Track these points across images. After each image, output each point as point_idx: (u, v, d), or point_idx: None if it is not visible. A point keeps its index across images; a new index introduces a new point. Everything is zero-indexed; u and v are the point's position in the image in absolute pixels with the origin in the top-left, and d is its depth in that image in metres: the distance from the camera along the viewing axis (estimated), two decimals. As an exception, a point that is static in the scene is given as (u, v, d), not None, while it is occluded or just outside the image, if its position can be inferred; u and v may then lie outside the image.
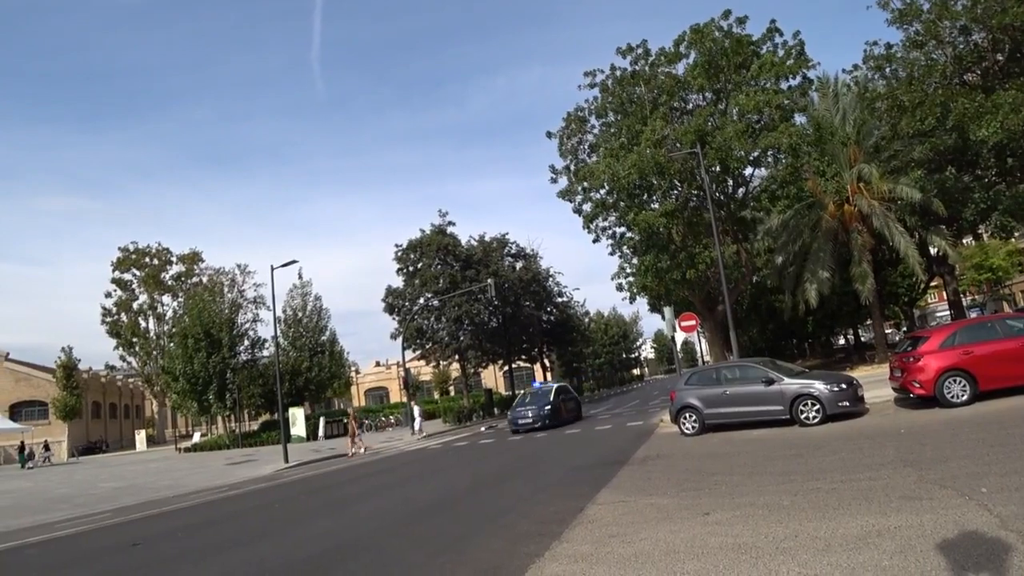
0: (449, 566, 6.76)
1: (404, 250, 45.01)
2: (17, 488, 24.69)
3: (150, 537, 11.53)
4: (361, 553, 8.03)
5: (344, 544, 8.68)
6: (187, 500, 16.51)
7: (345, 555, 8.00)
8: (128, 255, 63.18)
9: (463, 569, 6.55)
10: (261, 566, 7.88)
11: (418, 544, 8.13)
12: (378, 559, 7.52)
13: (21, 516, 15.96)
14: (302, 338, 45.01)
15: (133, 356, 63.07)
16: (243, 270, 60.17)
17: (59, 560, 10.46)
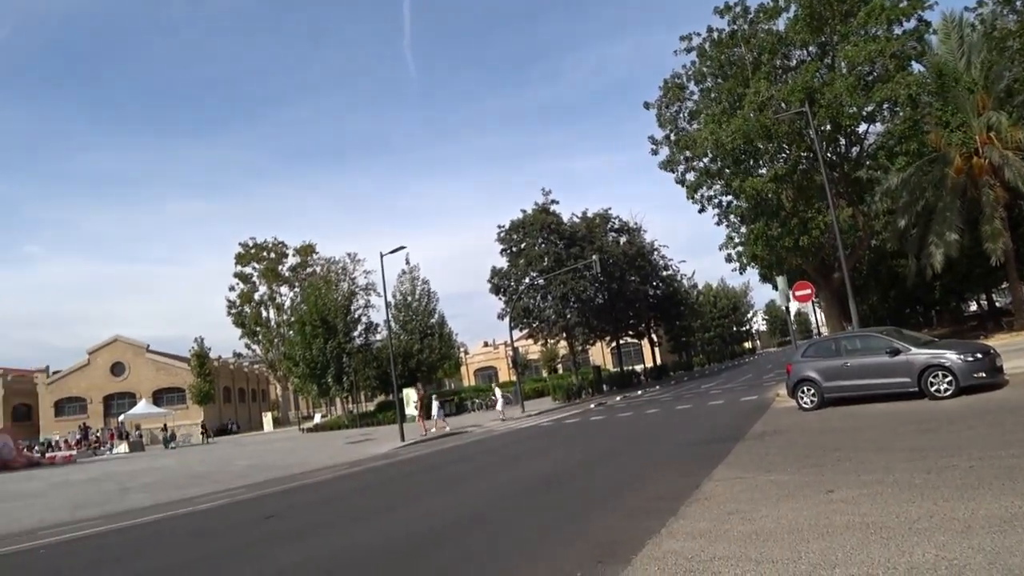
0: (567, 538, 6.82)
1: (507, 231, 45.28)
2: (163, 466, 26.74)
3: (282, 510, 12.24)
4: (477, 527, 8.22)
5: (461, 518, 8.90)
6: (312, 477, 17.37)
7: (463, 529, 8.22)
8: (247, 250, 66.78)
9: (579, 543, 6.56)
10: (386, 537, 8.21)
11: (533, 519, 8.22)
12: (494, 533, 7.67)
13: (168, 491, 17.29)
14: (412, 321, 46.23)
15: (257, 344, 66.81)
16: (353, 259, 62.28)
17: (205, 529, 11.30)
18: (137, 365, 65.87)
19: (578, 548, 6.36)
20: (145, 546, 10.45)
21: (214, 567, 7.94)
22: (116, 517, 13.64)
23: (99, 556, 9.96)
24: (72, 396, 65.88)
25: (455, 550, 7.12)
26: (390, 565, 6.78)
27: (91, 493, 18.60)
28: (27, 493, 20.30)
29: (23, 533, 12.64)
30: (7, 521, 14.36)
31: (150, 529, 12.07)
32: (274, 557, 8.02)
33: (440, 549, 7.25)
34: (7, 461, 35.26)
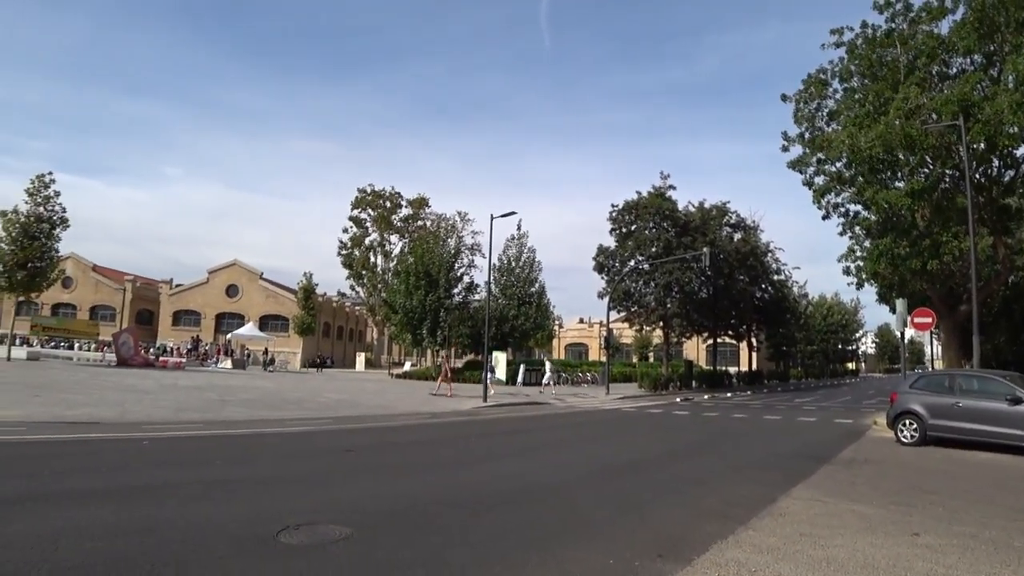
0: (630, 526, 6.78)
1: (620, 211, 44.62)
2: (260, 386, 28.28)
3: (361, 447, 12.75)
4: (547, 497, 8.28)
5: (531, 486, 8.99)
6: (394, 421, 17.96)
7: (532, 496, 8.30)
8: (364, 196, 68.86)
9: (644, 532, 6.53)
10: (451, 490, 8.38)
11: (602, 500, 8.21)
12: (559, 507, 7.68)
13: (262, 409, 18.32)
14: (512, 287, 46.57)
15: (361, 286, 69.16)
16: (463, 217, 63.19)
17: (289, 450, 11.93)
18: (249, 290, 69.64)
19: (640, 538, 6.32)
20: (234, 455, 11.13)
21: (287, 486, 8.34)
22: (214, 424, 14.57)
23: (194, 457, 10.69)
24: (189, 309, 70.51)
25: (516, 515, 7.20)
26: (447, 517, 6.93)
27: (194, 399, 19.91)
28: (140, 389, 21.95)
29: (132, 424, 13.73)
30: (120, 411, 15.61)
31: (241, 441, 12.85)
32: (342, 488, 8.37)
33: (500, 512, 7.36)
34: (126, 358, 38.27)
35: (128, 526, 5.99)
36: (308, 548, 5.55)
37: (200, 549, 5.37)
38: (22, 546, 5.21)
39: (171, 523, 6.13)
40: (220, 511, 6.79)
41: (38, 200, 36.96)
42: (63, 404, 16.32)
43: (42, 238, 36.80)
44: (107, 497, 7.23)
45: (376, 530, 6.21)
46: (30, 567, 4.72)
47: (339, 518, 6.49)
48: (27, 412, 14.39)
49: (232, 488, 8.10)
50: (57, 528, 5.76)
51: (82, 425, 13.21)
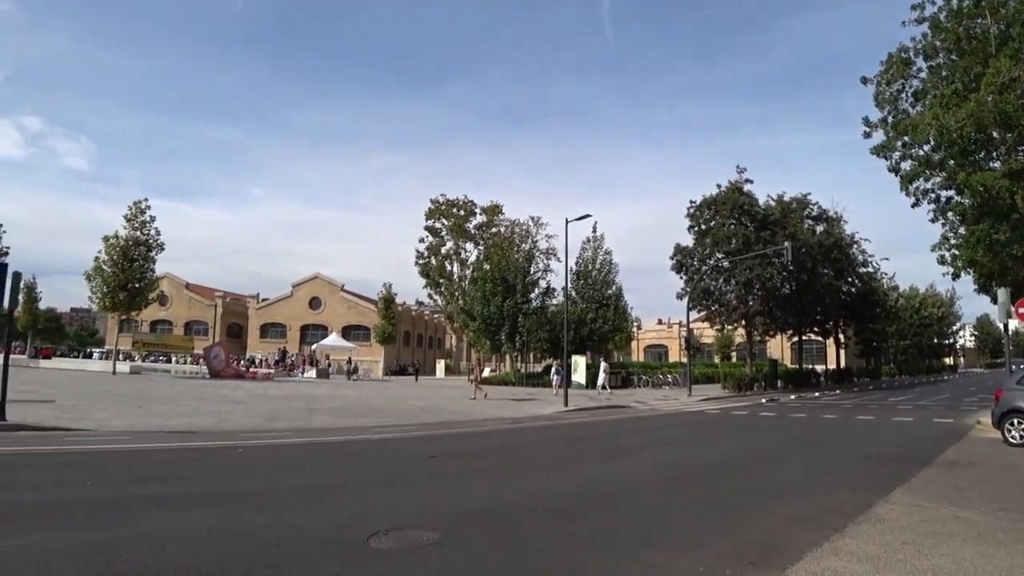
0: (719, 532, 6.60)
1: (697, 207, 43.73)
2: (345, 394, 29.03)
3: (444, 453, 12.88)
4: (628, 501, 8.18)
5: (615, 491, 8.89)
6: (476, 427, 18.08)
7: (616, 501, 8.21)
8: (438, 206, 69.80)
9: (733, 539, 6.34)
10: (532, 495, 8.38)
11: (689, 505, 8.04)
12: (645, 512, 7.57)
13: (348, 417, 18.79)
14: (590, 290, 46.31)
15: (439, 295, 70.07)
16: (537, 222, 63.24)
17: (375, 457, 12.20)
18: (332, 301, 71.70)
19: (730, 545, 6.14)
20: (324, 462, 11.47)
21: (375, 492, 8.52)
22: (303, 432, 15.05)
23: (286, 463, 11.07)
24: (275, 322, 73.16)
25: (601, 521, 7.12)
26: (532, 523, 6.91)
27: (284, 408, 20.59)
28: (233, 399, 22.87)
29: (227, 432, 14.31)
30: (216, 421, 16.29)
31: (329, 448, 13.21)
32: (428, 494, 8.48)
33: (585, 517, 7.28)
34: (218, 370, 39.95)
35: (228, 529, 6.25)
36: (398, 553, 5.64)
37: (296, 553, 5.54)
38: (134, 547, 5.53)
39: (268, 527, 6.36)
40: (313, 516, 6.98)
41: (135, 225, 39.35)
42: (164, 415, 17.18)
43: (140, 260, 39.11)
44: (208, 502, 7.58)
45: (463, 535, 6.27)
46: (142, 567, 5.02)
47: (426, 523, 6.57)
48: (132, 422, 15.22)
49: (323, 494, 8.32)
50: (164, 531, 6.07)
51: (182, 434, 13.88)
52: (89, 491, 8.12)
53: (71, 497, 7.69)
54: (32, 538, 5.78)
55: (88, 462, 10.46)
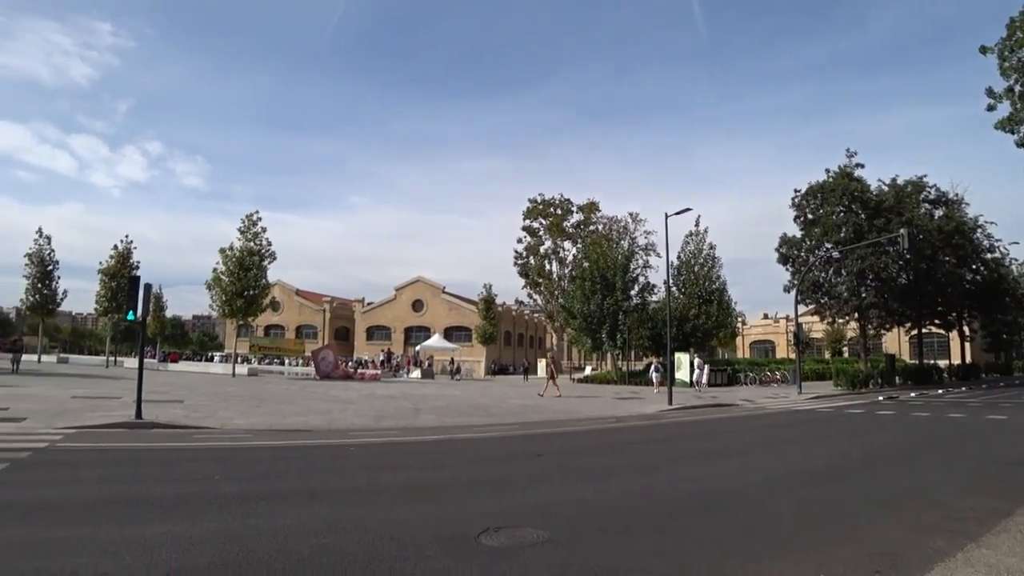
0: (839, 538, 6.31)
1: (803, 196, 41.94)
2: (449, 394, 29.57)
3: (549, 451, 12.90)
4: (742, 504, 7.94)
5: (723, 492, 8.66)
6: (579, 425, 18.04)
7: (725, 503, 8.00)
8: (536, 206, 69.98)
9: (854, 546, 6.04)
10: (645, 495, 8.28)
11: (803, 508, 7.74)
12: (760, 513, 7.35)
13: (453, 416, 19.15)
14: (692, 285, 45.33)
15: (538, 294, 70.25)
16: (635, 218, 62.45)
17: (481, 455, 12.38)
18: (433, 304, 73.27)
19: (851, 553, 5.84)
20: (431, 459, 11.75)
21: (483, 490, 8.66)
22: (409, 431, 15.46)
23: (395, 461, 11.43)
24: (380, 325, 75.43)
25: (710, 523, 6.96)
26: (640, 523, 6.85)
27: (390, 408, 21.19)
28: (342, 400, 23.73)
29: (339, 431, 14.87)
30: (327, 420, 16.96)
31: (436, 446, 13.50)
32: (535, 492, 8.53)
33: (697, 519, 7.14)
34: (327, 372, 41.56)
35: (344, 524, 6.50)
36: (508, 550, 5.71)
37: (409, 547, 5.70)
38: (259, 538, 5.88)
39: (381, 522, 6.57)
40: (424, 512, 7.17)
41: (248, 236, 41.67)
42: (279, 414, 18.04)
43: (254, 269, 41.36)
44: (324, 497, 7.91)
45: (572, 534, 6.27)
46: (268, 557, 5.33)
47: (535, 521, 6.61)
48: (252, 421, 16.07)
49: (432, 491, 8.52)
50: (284, 524, 6.38)
51: (296, 432, 14.53)
52: (217, 485, 8.64)
53: (202, 490, 8.21)
54: (171, 527, 6.21)
55: (214, 458, 11.13)
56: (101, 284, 49.63)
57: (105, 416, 15.55)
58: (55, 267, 51.09)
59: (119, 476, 9.37)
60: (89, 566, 5.01)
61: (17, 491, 7.94)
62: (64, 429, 13.43)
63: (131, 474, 9.55)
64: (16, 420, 14.39)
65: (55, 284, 51.21)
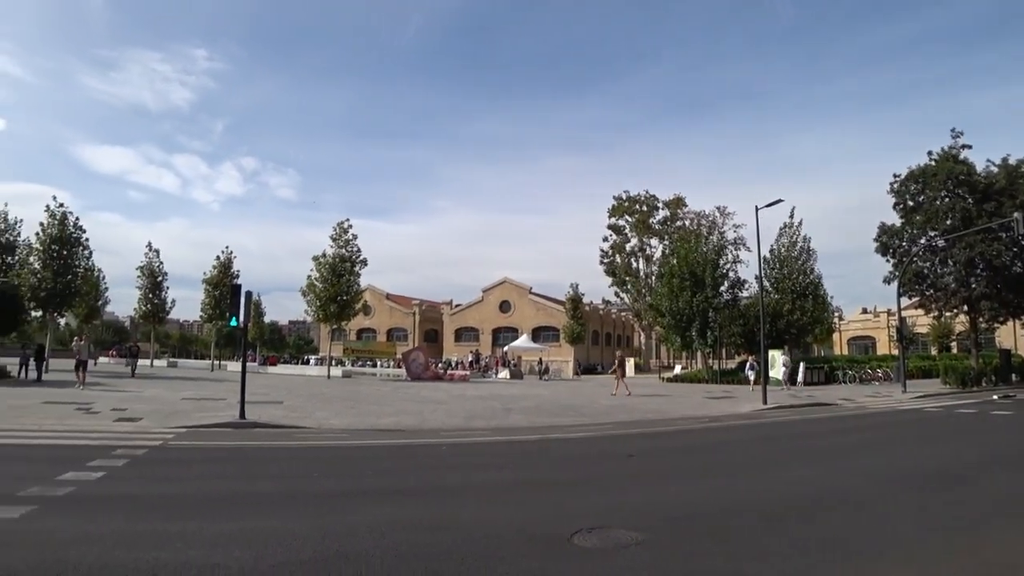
0: (953, 549, 5.95)
1: (902, 182, 39.69)
2: (538, 394, 29.61)
3: (641, 451, 12.72)
4: (844, 509, 7.57)
5: (823, 496, 8.31)
6: (672, 425, 17.72)
7: (826, 507, 7.66)
8: (620, 203, 69.39)
9: (971, 558, 5.67)
10: (740, 497, 8.05)
11: (911, 515, 7.31)
12: (863, 519, 6.96)
13: (542, 416, 19.16)
14: (786, 280, 43.80)
15: (625, 292, 69.64)
16: (723, 212, 61.05)
17: (571, 455, 12.34)
18: (520, 304, 73.62)
19: (969, 566, 5.49)
20: (522, 459, 11.80)
21: (575, 490, 8.63)
22: (500, 431, 15.57)
23: (487, 460, 11.56)
24: (468, 326, 76.39)
25: (811, 528, 6.68)
26: (736, 526, 6.67)
27: (480, 408, 21.41)
28: (433, 400, 24.14)
29: (431, 431, 15.15)
30: (419, 420, 17.29)
31: (526, 446, 13.53)
32: (628, 493, 8.43)
33: (798, 523, 6.85)
34: (417, 373, 42.40)
35: (438, 521, 6.61)
36: (602, 552, 5.66)
37: (502, 546, 5.75)
38: (357, 534, 6.06)
39: (474, 520, 6.65)
40: (516, 511, 7.21)
41: (340, 243, 43.18)
42: (373, 414, 18.53)
43: (346, 275, 42.76)
44: (418, 495, 8.07)
45: (667, 536, 6.16)
46: (366, 553, 5.48)
47: (628, 523, 6.53)
48: (347, 422, 16.56)
49: (524, 490, 8.56)
50: (381, 520, 6.54)
51: (390, 432, 14.88)
52: (317, 483, 8.96)
53: (302, 488, 8.53)
54: (274, 522, 6.49)
55: (313, 456, 11.54)
56: (205, 293, 52.40)
57: (212, 416, 16.38)
58: (164, 278, 54.69)
59: (226, 473, 9.87)
60: (201, 557, 5.28)
61: (135, 486, 8.47)
62: (176, 428, 14.23)
63: (236, 471, 10.03)
64: (134, 420, 15.35)
65: (164, 294, 54.77)
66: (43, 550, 5.44)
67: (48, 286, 36.27)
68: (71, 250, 37.87)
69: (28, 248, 36.57)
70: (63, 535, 5.93)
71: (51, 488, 7.84)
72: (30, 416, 15.70)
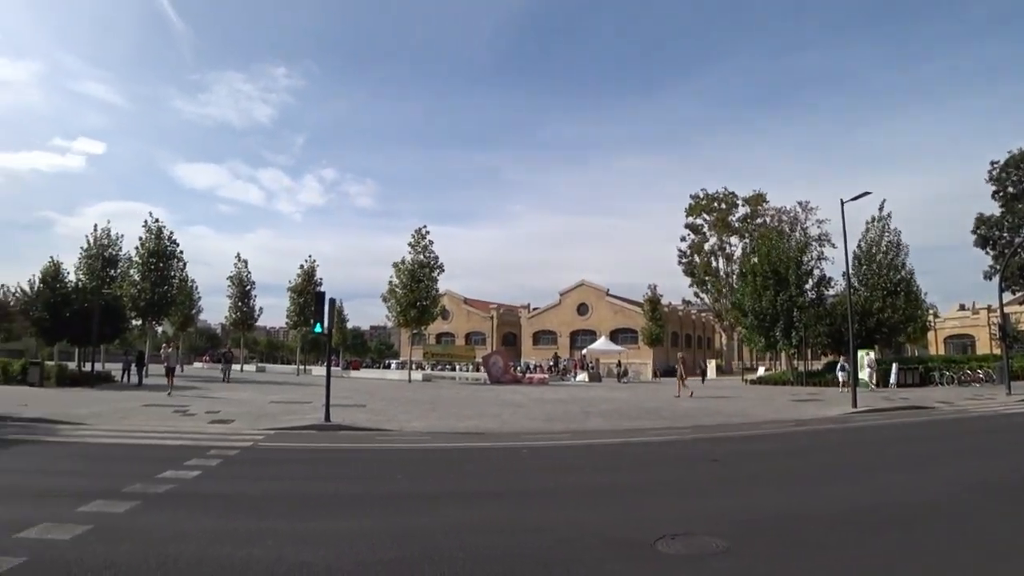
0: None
1: (1002, 168, 37.49)
2: (618, 398, 29.32)
3: (725, 456, 12.42)
4: (942, 519, 7.14)
5: (920, 504, 7.82)
6: (757, 429, 17.22)
7: (922, 516, 7.22)
8: (698, 202, 68.07)
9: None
10: (830, 505, 7.68)
11: (1021, 529, 6.85)
12: (966, 533, 6.54)
13: (622, 419, 18.95)
14: (875, 276, 41.88)
15: (705, 293, 68.26)
16: (805, 207, 59.07)
17: (652, 459, 12.18)
18: (598, 306, 73.09)
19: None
20: (602, 463, 11.70)
21: (656, 495, 8.50)
22: (579, 434, 15.47)
23: (567, 464, 11.54)
24: (545, 329, 76.35)
25: (912, 541, 6.31)
26: (828, 536, 6.41)
27: (559, 411, 21.36)
28: (512, 403, 24.24)
29: (511, 434, 15.21)
30: (499, 423, 17.40)
31: (606, 449, 13.43)
32: (711, 499, 8.24)
33: (892, 534, 6.47)
34: (497, 376, 42.67)
35: (518, 524, 6.63)
36: (687, 559, 5.54)
37: (584, 550, 5.70)
38: (440, 536, 6.15)
39: (554, 525, 6.63)
40: (597, 516, 7.14)
41: (418, 250, 44.01)
42: (454, 417, 18.76)
43: (425, 280, 43.52)
44: (500, 497, 8.13)
45: (754, 545, 5.95)
46: (448, 554, 5.54)
47: (714, 529, 6.36)
48: (429, 424, 16.82)
49: (605, 494, 8.48)
50: (463, 523, 6.63)
51: (470, 435, 15.02)
52: (400, 484, 9.13)
53: (385, 489, 8.72)
54: (359, 522, 6.67)
55: (396, 458, 11.77)
56: (291, 300, 54.20)
57: (299, 419, 16.94)
58: (252, 287, 56.84)
59: (312, 473, 10.18)
60: (291, 555, 5.46)
61: (228, 485, 8.83)
62: (265, 430, 14.79)
63: (322, 472, 10.34)
64: (226, 422, 16.04)
65: (253, 302, 56.89)
66: (145, 545, 5.75)
67: (147, 296, 38.54)
68: (167, 262, 40.12)
69: (129, 261, 38.78)
70: (163, 531, 6.24)
71: (152, 485, 8.28)
72: (133, 418, 16.64)
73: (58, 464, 10.50)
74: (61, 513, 6.72)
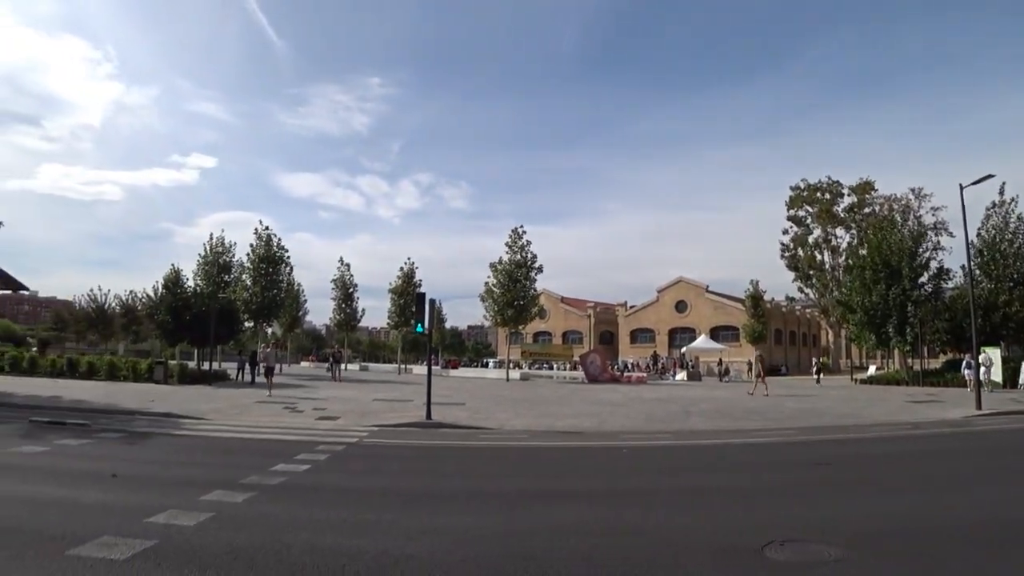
0: None
1: None
2: (718, 396, 28.62)
3: (834, 459, 11.85)
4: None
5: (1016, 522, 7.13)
6: (867, 431, 16.35)
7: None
8: (799, 193, 65.25)
9: None
10: (950, 516, 7.24)
11: None
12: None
13: (723, 420, 18.49)
14: (999, 267, 38.90)
15: (810, 287, 65.42)
16: (918, 194, 55.72)
17: (756, 462, 11.74)
18: (697, 304, 71.50)
19: None
20: (704, 464, 11.47)
21: (761, 499, 8.25)
22: (680, 435, 15.19)
23: (668, 465, 11.35)
24: (643, 327, 75.34)
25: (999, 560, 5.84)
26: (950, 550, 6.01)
27: (659, 411, 21.04)
28: (611, 402, 24.06)
29: (609, 433, 15.11)
30: (598, 422, 17.32)
31: (708, 450, 13.16)
32: (820, 504, 7.90)
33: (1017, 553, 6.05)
34: (595, 375, 42.45)
35: (619, 526, 6.59)
36: (798, 567, 5.32)
37: (688, 555, 5.59)
38: (539, 534, 6.19)
39: (656, 527, 6.54)
40: (700, 519, 6.97)
41: (515, 250, 44.34)
42: (552, 415, 18.79)
43: (522, 280, 43.84)
44: (598, 498, 8.10)
45: (869, 555, 5.62)
46: (548, 553, 5.57)
47: (823, 537, 6.10)
48: (527, 422, 16.93)
49: (707, 497, 8.27)
50: (562, 522, 6.66)
51: (569, 434, 15.01)
52: (499, 482, 9.25)
53: (485, 486, 8.85)
54: (461, 518, 6.80)
55: (496, 456, 11.92)
56: (391, 302, 55.65)
57: (401, 416, 17.41)
58: (355, 289, 58.81)
59: (415, 469, 10.47)
60: (397, 547, 5.63)
61: (336, 478, 9.20)
62: (369, 427, 15.31)
63: (425, 468, 10.61)
64: (333, 419, 16.70)
65: (355, 304, 58.87)
66: (263, 532, 6.08)
67: (258, 300, 40.68)
68: (276, 267, 42.29)
69: (241, 267, 41.04)
70: (278, 519, 6.58)
71: (266, 477, 8.71)
72: (248, 414, 17.58)
73: (182, 455, 11.20)
74: (185, 501, 7.18)
